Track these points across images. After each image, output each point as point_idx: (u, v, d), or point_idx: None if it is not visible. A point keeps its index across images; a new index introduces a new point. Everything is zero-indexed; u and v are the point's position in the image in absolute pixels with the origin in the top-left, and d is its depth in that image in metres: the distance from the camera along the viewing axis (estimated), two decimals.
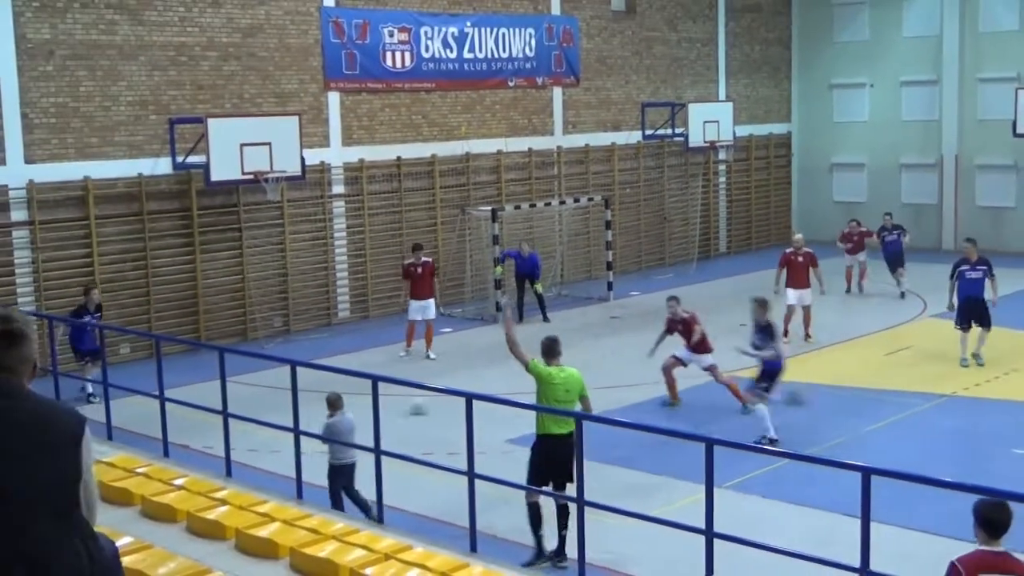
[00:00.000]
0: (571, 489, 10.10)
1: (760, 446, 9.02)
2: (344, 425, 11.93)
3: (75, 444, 3.98)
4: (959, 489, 7.62)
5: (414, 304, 20.73)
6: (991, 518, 6.88)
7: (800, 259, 21.39)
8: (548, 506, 11.00)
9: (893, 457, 13.63)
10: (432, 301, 20.88)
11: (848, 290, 26.46)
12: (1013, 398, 17.10)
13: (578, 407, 11.03)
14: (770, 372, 15.37)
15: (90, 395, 17.86)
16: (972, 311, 18.93)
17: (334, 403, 12.10)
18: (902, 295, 25.56)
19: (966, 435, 15.36)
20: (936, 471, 12.50)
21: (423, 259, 21.19)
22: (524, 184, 27.85)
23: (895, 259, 25.69)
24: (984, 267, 19.03)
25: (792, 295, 21.22)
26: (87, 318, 17.91)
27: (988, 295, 19.02)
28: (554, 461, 10.80)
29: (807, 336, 21.29)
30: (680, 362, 17.32)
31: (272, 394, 16.37)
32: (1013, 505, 7.06)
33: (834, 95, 35.02)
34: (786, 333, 20.23)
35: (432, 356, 20.60)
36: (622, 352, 21.18)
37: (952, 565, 6.88)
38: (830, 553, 7.79)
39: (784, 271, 21.56)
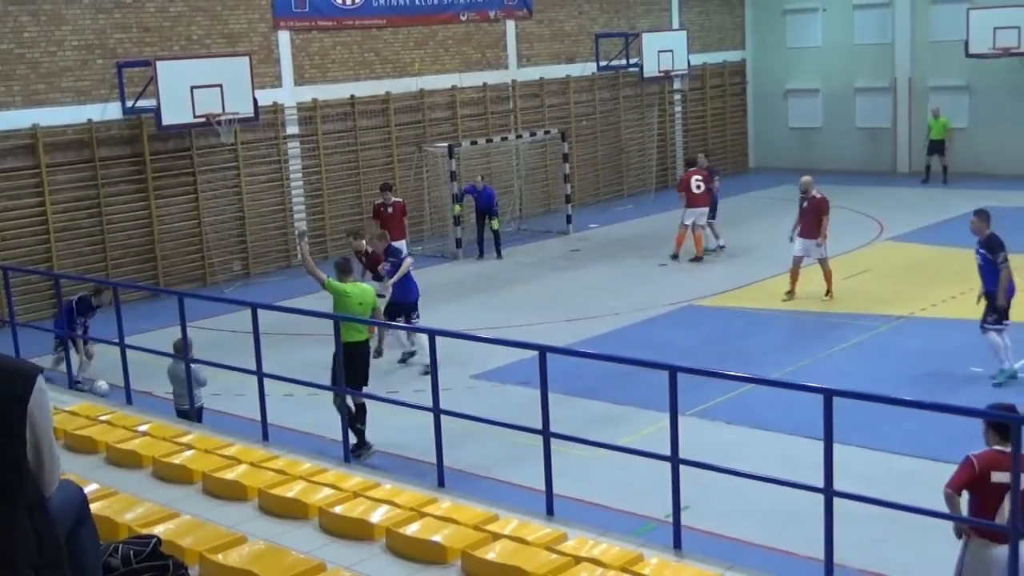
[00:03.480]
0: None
1: (726, 372, 9.09)
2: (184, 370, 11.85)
3: (20, 406, 3.54)
4: (918, 407, 7.74)
5: None
6: (1001, 420, 7.14)
7: (806, 204, 18.78)
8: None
9: (855, 379, 13.79)
10: (404, 242, 19.95)
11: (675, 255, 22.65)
12: (968, 317, 17.29)
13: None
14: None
15: (77, 382, 14.52)
16: None
17: (181, 349, 11.84)
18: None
19: (924, 355, 15.53)
20: (896, 391, 12.69)
21: (392, 199, 20.87)
22: (480, 119, 27.67)
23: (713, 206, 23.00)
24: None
25: (798, 245, 18.79)
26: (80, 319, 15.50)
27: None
28: (353, 365, 11.94)
29: (828, 293, 18.72)
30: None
31: (234, 338, 16.31)
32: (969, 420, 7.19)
33: (787, 20, 34.91)
34: (792, 292, 18.73)
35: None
36: (583, 285, 21.23)
37: (967, 459, 7.30)
38: (795, 475, 7.88)
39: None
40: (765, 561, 9.06)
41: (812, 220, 18.66)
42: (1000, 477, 7.08)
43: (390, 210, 20.44)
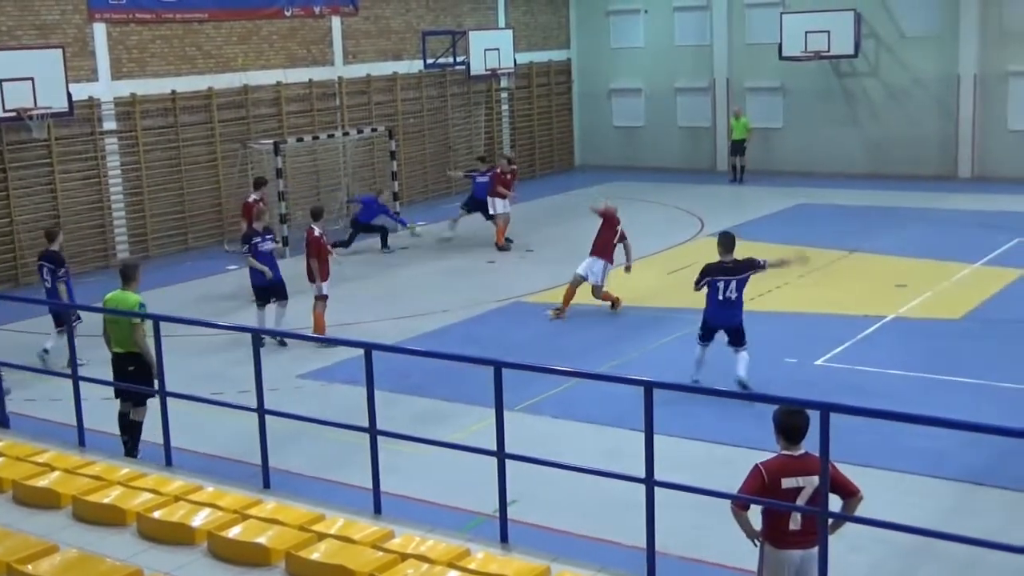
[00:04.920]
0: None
1: (552, 367, 9.22)
2: None
3: None
4: (732, 397, 7.97)
5: None
6: (787, 425, 7.24)
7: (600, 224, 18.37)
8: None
9: (680, 371, 14.12)
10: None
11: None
12: (783, 310, 17.95)
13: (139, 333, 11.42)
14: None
15: (45, 350, 14.57)
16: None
17: None
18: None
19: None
20: (716, 382, 13.06)
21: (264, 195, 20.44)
22: (306, 116, 27.32)
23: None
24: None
25: (586, 262, 18.21)
26: (62, 270, 15.22)
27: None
28: (120, 377, 11.46)
29: (614, 307, 18.41)
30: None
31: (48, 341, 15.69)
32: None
33: (611, 21, 35.56)
34: (563, 310, 18.08)
35: None
36: (412, 282, 21.19)
37: (755, 468, 7.23)
38: (619, 467, 8.03)
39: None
40: (591, 552, 9.17)
41: (606, 238, 18.30)
42: (790, 482, 7.13)
43: (262, 206, 20.06)
